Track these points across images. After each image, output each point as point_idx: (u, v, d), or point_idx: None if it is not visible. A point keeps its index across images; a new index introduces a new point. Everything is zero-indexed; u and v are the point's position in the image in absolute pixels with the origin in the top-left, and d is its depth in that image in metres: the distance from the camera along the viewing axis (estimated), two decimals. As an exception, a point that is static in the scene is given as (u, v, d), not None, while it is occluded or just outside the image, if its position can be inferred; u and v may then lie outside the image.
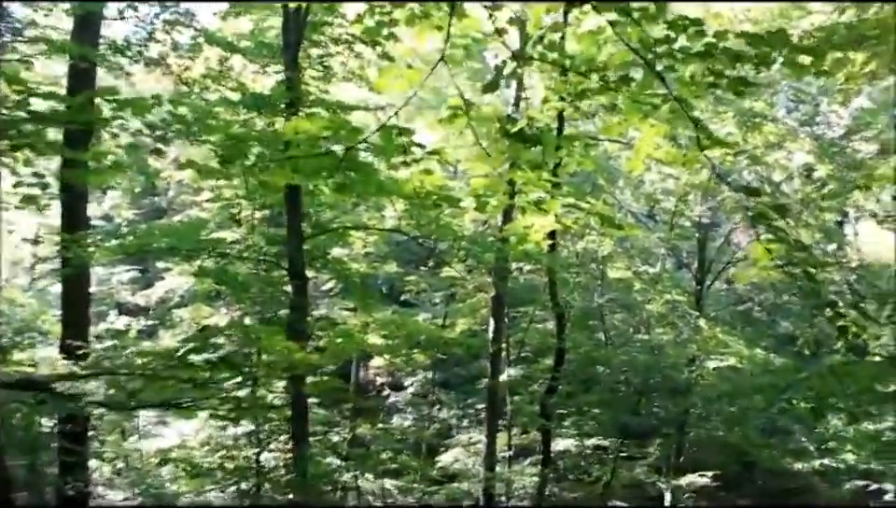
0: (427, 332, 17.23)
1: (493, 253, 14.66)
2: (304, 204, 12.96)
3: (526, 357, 21.68)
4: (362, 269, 19.13)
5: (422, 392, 27.47)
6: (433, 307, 24.06)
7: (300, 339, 12.10)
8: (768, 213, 4.04)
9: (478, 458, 19.26)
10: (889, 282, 15.94)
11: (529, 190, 5.35)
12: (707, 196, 21.48)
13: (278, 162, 4.78)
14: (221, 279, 13.66)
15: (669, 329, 20.51)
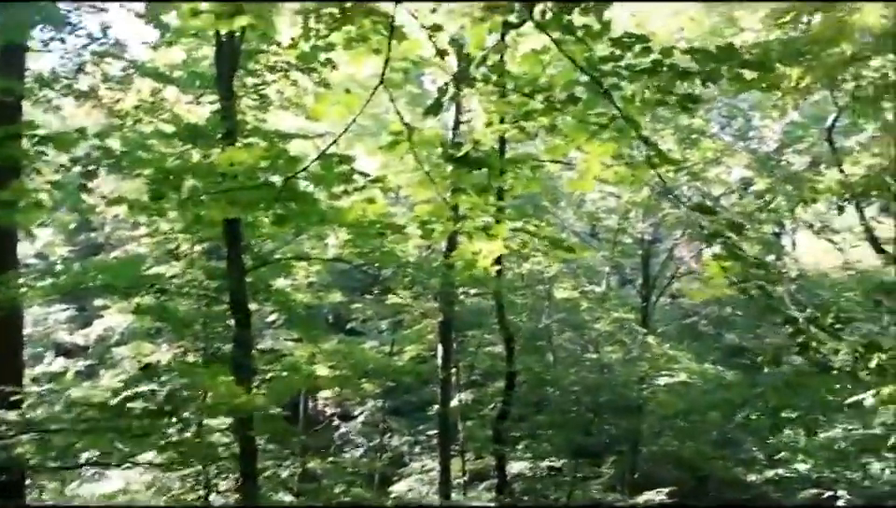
0: (375, 361, 17.00)
1: (438, 278, 14.51)
2: (245, 236, 12.66)
3: (476, 380, 21.52)
4: (306, 299, 18.79)
5: (372, 421, 27.06)
6: (380, 335, 23.77)
7: (244, 374, 11.78)
8: (723, 231, 3.97)
9: (432, 485, 18.99)
10: (830, 291, 16.19)
11: (475, 214, 5.21)
12: (649, 213, 21.67)
13: (213, 196, 4.57)
14: (161, 316, 13.24)
15: (618, 347, 20.56)
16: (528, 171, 4.97)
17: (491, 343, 20.60)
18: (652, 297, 22.17)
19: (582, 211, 23.44)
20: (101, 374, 24.23)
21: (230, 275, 11.86)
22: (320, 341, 15.98)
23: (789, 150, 20.64)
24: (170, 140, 12.38)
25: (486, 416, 19.82)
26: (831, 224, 20.22)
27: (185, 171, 4.68)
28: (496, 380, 20.75)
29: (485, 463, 20.89)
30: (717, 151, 19.02)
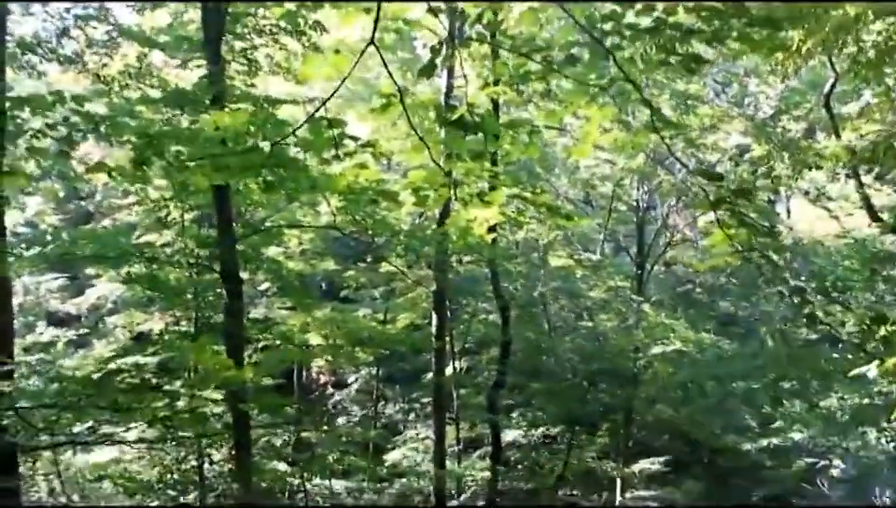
0: (369, 329, 16.87)
1: (432, 246, 14.35)
2: (236, 204, 12.47)
3: (471, 349, 21.46)
4: (299, 267, 18.63)
5: (366, 389, 27.05)
6: (373, 303, 23.64)
7: (235, 344, 11.65)
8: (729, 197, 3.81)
9: (427, 453, 18.97)
10: (825, 260, 16.08)
11: (470, 181, 5.04)
12: (644, 180, 21.50)
13: (198, 162, 4.38)
14: (151, 285, 13.07)
15: (613, 315, 20.49)
16: (525, 136, 4.78)
17: (486, 311, 20.52)
18: (647, 265, 22.06)
19: (577, 178, 23.23)
20: (94, 344, 24.12)
21: (220, 244, 11.67)
22: (313, 309, 15.83)
23: (786, 117, 20.42)
24: (157, 106, 12.13)
25: (481, 384, 19.79)
26: (827, 192, 20.07)
27: (168, 136, 4.50)
28: (490, 348, 20.69)
29: (479, 431, 20.89)
30: (713, 117, 18.79)
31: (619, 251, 27.30)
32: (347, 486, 17.06)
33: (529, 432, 20.74)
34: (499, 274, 16.58)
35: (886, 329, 4.66)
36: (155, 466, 14.66)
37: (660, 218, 23.54)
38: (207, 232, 14.22)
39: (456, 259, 18.65)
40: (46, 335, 24.71)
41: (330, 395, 29.61)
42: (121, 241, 12.79)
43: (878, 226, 14.27)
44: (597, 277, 19.68)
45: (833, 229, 21.65)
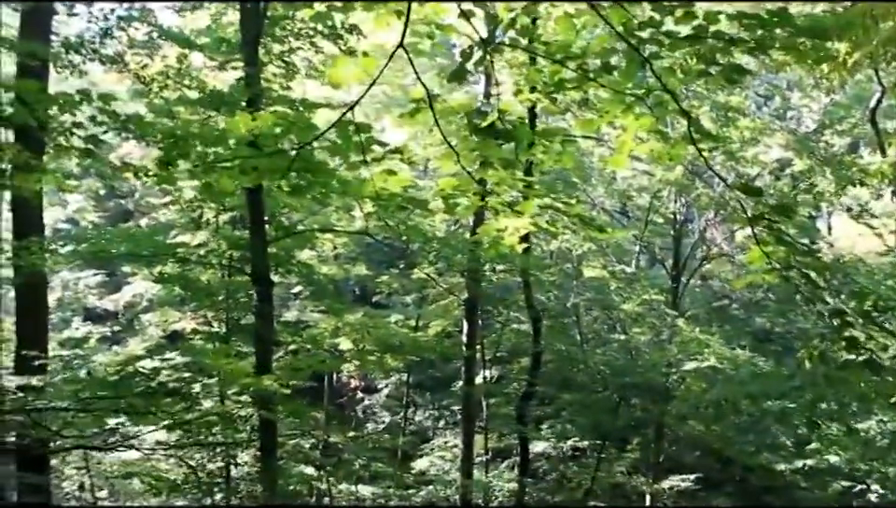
0: (400, 336, 16.80)
1: (465, 254, 14.25)
2: (269, 207, 12.47)
3: (502, 358, 21.31)
4: (331, 271, 18.65)
5: (396, 395, 27.01)
6: (405, 309, 23.59)
7: (265, 346, 11.64)
8: (768, 213, 3.65)
9: (454, 462, 18.86)
10: (867, 278, 15.71)
11: (502, 190, 4.93)
12: (682, 192, 21.21)
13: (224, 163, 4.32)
14: (183, 285, 13.12)
15: (647, 328, 20.20)
16: (559, 145, 4.66)
17: (517, 320, 20.35)
18: (683, 278, 21.74)
19: (613, 189, 22.99)
20: (128, 341, 24.39)
21: (251, 246, 11.68)
22: (344, 314, 15.80)
23: (829, 131, 20.05)
24: (194, 107, 12.18)
25: (511, 394, 19.63)
26: (870, 208, 19.64)
27: (195, 137, 4.46)
28: (521, 358, 20.53)
29: (508, 442, 20.73)
30: (754, 130, 18.46)
31: (654, 264, 26.97)
32: (374, 491, 17.00)
33: (558, 444, 20.53)
34: (532, 283, 16.42)
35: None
36: (182, 466, 14.71)
37: (697, 232, 23.21)
38: (240, 233, 14.26)
39: (489, 267, 18.52)
40: (83, 331, 25.04)
41: (360, 400, 29.61)
42: (156, 240, 12.87)
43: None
44: (631, 290, 19.42)
45: (875, 246, 21.19)
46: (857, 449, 13.28)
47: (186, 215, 15.86)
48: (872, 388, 5.97)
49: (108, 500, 16.04)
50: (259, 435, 12.17)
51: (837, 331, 4.24)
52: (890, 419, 12.46)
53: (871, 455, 13.21)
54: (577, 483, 19.89)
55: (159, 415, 6.17)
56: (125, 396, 5.78)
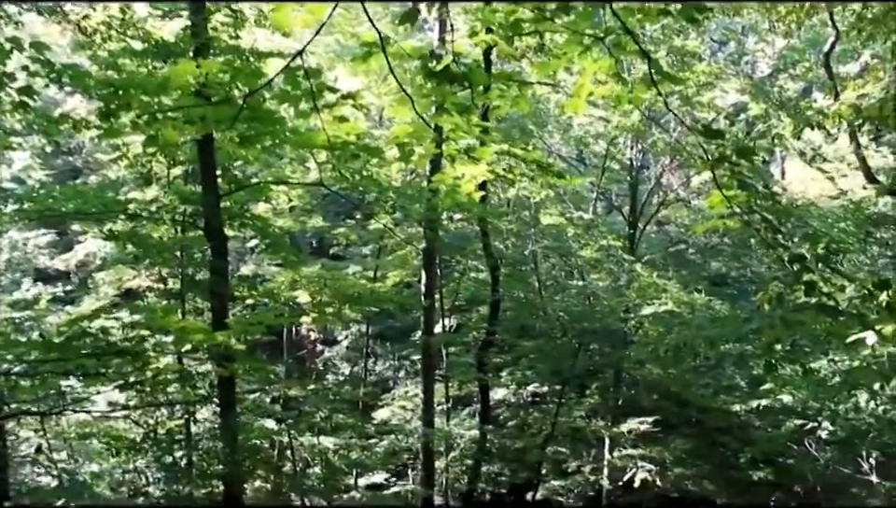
0: (359, 287, 16.69)
1: (422, 204, 14.12)
2: (221, 160, 12.17)
3: (460, 307, 21.35)
4: (287, 224, 18.41)
5: (356, 347, 27.02)
6: (363, 260, 23.48)
7: (221, 302, 11.47)
8: (730, 156, 3.59)
9: (415, 411, 18.94)
10: (820, 223, 15.92)
11: (458, 136, 4.81)
12: (638, 138, 21.24)
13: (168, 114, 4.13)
14: (135, 242, 12.82)
15: (604, 274, 20.34)
16: (515, 89, 4.53)
17: (476, 269, 20.36)
18: (639, 224, 21.88)
19: (570, 136, 22.94)
20: (82, 301, 23.94)
21: (204, 200, 11.42)
22: (301, 267, 15.62)
23: (784, 76, 20.13)
24: (140, 58, 11.78)
25: (470, 342, 19.70)
26: (823, 153, 19.85)
27: (135, 86, 4.25)
28: (480, 307, 20.58)
29: (468, 390, 20.87)
30: (710, 75, 18.46)
31: (611, 211, 27.12)
32: (336, 442, 16.98)
33: (518, 391, 20.72)
34: (490, 232, 16.37)
35: (888, 295, 4.49)
36: (142, 425, 14.56)
37: (653, 178, 23.32)
38: (192, 188, 13.95)
39: (447, 216, 18.43)
40: (34, 292, 24.52)
41: (320, 352, 29.59)
42: (105, 197, 12.50)
43: (875, 188, 14.09)
44: (589, 236, 19.49)
45: (826, 190, 21.49)
46: (809, 388, 13.57)
47: (135, 170, 15.48)
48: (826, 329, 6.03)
49: (67, 462, 15.79)
50: (217, 392, 12.07)
51: (797, 276, 4.23)
52: (841, 359, 12.74)
53: (823, 394, 13.51)
54: (537, 428, 20.12)
55: (110, 375, 6.02)
56: (73, 358, 5.61)
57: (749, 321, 6.26)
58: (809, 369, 7.54)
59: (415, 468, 19.80)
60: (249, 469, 14.06)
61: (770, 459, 17.63)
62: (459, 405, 20.80)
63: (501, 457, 20.10)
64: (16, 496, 12.63)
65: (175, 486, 12.64)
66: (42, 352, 5.64)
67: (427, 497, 16.17)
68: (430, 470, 16.55)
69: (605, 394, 20.24)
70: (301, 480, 14.73)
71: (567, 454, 21.41)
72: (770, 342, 6.11)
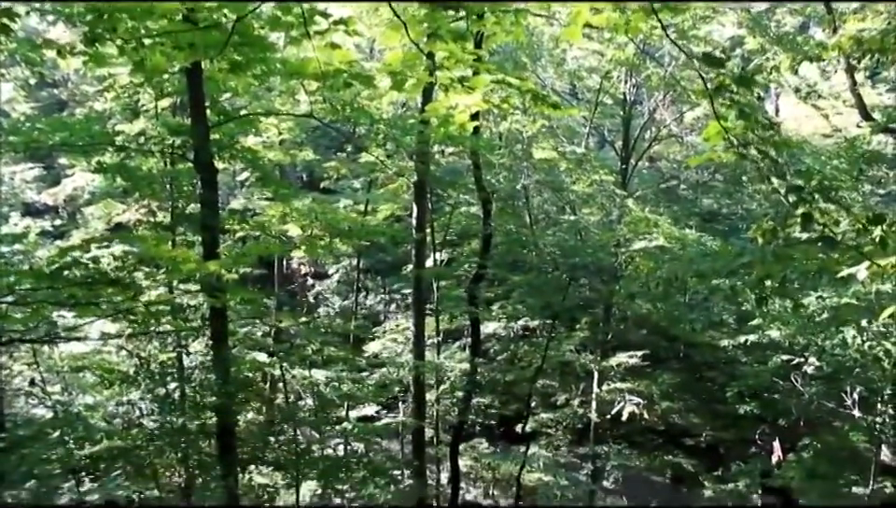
0: (349, 221, 16.60)
1: (413, 136, 13.97)
2: (211, 91, 11.96)
3: (452, 241, 21.36)
4: (278, 157, 18.23)
5: (347, 280, 27.13)
6: (354, 194, 23.39)
7: (212, 235, 11.38)
8: (729, 85, 3.52)
9: (406, 344, 19.07)
10: (813, 160, 15.87)
11: (451, 65, 4.70)
12: (632, 72, 21.02)
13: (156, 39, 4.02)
14: (124, 175, 12.66)
15: (596, 209, 20.32)
16: (511, 16, 4.43)
17: (467, 203, 20.31)
18: (632, 160, 21.79)
19: (563, 70, 22.68)
20: (72, 235, 23.83)
21: (193, 132, 11.24)
22: (292, 200, 15.51)
23: (781, 10, 19.81)
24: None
25: (461, 276, 19.75)
26: (818, 90, 19.68)
27: (121, 10, 4.12)
28: (471, 241, 20.59)
29: (459, 323, 21.02)
30: (707, 8, 18.16)
31: (603, 146, 27.01)
32: (327, 375, 17.10)
33: (509, 325, 20.89)
34: (482, 165, 16.24)
35: (882, 229, 4.47)
36: (133, 357, 14.61)
37: (646, 113, 23.15)
38: (181, 120, 13.74)
39: (438, 150, 18.29)
40: (20, 226, 24.38)
41: (311, 286, 29.70)
42: (92, 129, 12.30)
43: (869, 125, 13.99)
44: (581, 171, 19.39)
45: (820, 128, 21.39)
46: (798, 324, 13.70)
47: (122, 102, 15.23)
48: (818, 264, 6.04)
49: (60, 395, 15.87)
50: (209, 324, 12.08)
51: (794, 206, 4.21)
52: (830, 296, 12.84)
53: (810, 330, 13.64)
54: (527, 362, 20.34)
55: (101, 305, 5.98)
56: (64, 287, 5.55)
57: (741, 255, 6.26)
58: (799, 303, 7.57)
59: (406, 400, 20.03)
60: (242, 401, 14.17)
61: (756, 394, 17.92)
62: (450, 339, 20.98)
63: (491, 389, 20.38)
64: (11, 427, 12.72)
65: (168, 417, 12.73)
66: (33, 282, 5.59)
67: (418, 428, 16.37)
68: (421, 402, 16.72)
69: (594, 329, 20.42)
70: (293, 412, 14.83)
71: (556, 387, 21.74)
72: (762, 276, 6.10)
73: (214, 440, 12.68)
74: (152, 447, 12.58)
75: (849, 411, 15.61)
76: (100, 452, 12.44)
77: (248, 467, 13.90)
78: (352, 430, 15.29)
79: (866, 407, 15.24)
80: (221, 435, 12.05)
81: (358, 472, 14.81)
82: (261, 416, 15.81)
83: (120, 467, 12.70)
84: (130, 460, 12.55)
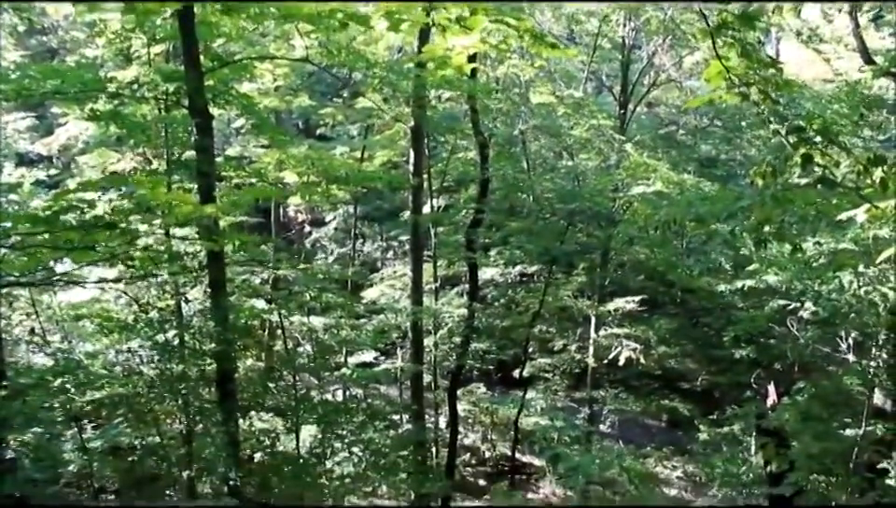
0: (346, 167, 16.52)
1: (410, 81, 13.82)
2: (204, 35, 11.77)
3: (449, 187, 21.30)
4: (273, 103, 18.07)
5: (344, 228, 27.13)
6: (350, 141, 23.24)
7: (208, 182, 11.31)
8: (732, 23, 3.45)
9: (404, 291, 19.13)
10: (813, 105, 15.72)
11: (448, 5, 4.62)
12: (631, 16, 20.75)
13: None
14: (116, 122, 12.52)
15: (594, 154, 20.22)
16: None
17: (464, 148, 20.19)
18: (630, 105, 21.60)
19: (561, 13, 22.37)
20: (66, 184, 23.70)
21: (187, 78, 11.09)
22: (288, 146, 15.40)
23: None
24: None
25: (459, 222, 19.72)
26: (820, 33, 19.43)
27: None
28: (469, 186, 20.53)
29: (457, 269, 21.07)
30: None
31: (601, 91, 26.75)
32: (325, 322, 17.16)
33: (506, 270, 20.94)
34: (479, 110, 16.09)
35: (882, 170, 4.44)
36: (132, 305, 14.63)
37: (645, 58, 22.89)
38: (174, 66, 13.55)
39: (435, 95, 18.12)
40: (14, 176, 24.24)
41: (308, 234, 29.72)
42: (84, 76, 12.12)
43: (871, 69, 13.84)
44: (579, 116, 19.24)
45: (822, 73, 21.17)
46: (794, 269, 13.72)
47: (114, 49, 14.99)
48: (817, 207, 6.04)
49: (60, 343, 15.94)
50: (207, 270, 12.07)
51: (794, 148, 4.17)
52: (828, 241, 12.83)
53: (807, 275, 13.66)
54: (525, 307, 20.43)
55: (98, 249, 5.94)
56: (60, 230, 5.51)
57: (740, 199, 6.23)
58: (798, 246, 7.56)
59: (404, 346, 20.16)
60: (241, 348, 14.23)
61: (752, 339, 18.03)
62: (448, 285, 21.03)
63: (489, 335, 20.50)
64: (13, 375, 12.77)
65: (167, 364, 12.79)
66: (28, 225, 5.54)
67: (417, 373, 16.50)
68: (419, 347, 16.83)
69: (592, 274, 20.47)
70: (292, 358, 14.90)
71: (553, 332, 21.88)
72: (760, 221, 6.08)
73: (214, 387, 12.78)
74: (153, 394, 12.67)
75: (844, 355, 15.72)
76: (101, 399, 12.54)
77: (248, 413, 14.03)
78: (351, 376, 15.40)
79: (861, 352, 15.33)
80: (221, 382, 12.13)
81: (358, 417, 14.97)
82: (260, 363, 15.89)
83: (122, 414, 12.81)
84: (131, 408, 12.65)
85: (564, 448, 17.04)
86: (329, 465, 14.22)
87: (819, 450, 13.74)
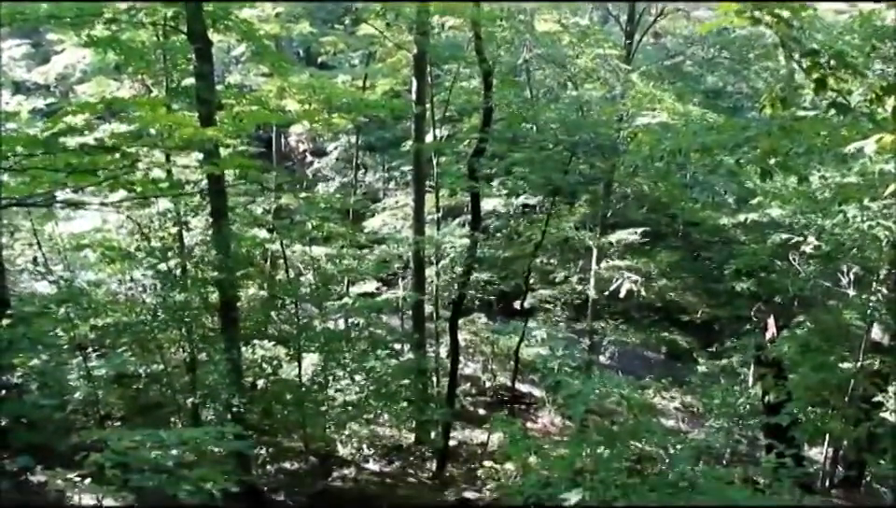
0: (348, 95, 16.31)
1: (413, 7, 13.55)
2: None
3: (452, 116, 21.07)
4: (274, 30, 17.76)
5: (346, 157, 26.97)
6: (352, 69, 22.92)
7: (208, 109, 11.18)
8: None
9: (406, 220, 19.10)
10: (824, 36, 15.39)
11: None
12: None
13: None
14: (114, 48, 12.31)
15: (599, 85, 19.93)
16: None
17: (468, 77, 19.90)
18: (636, 35, 21.21)
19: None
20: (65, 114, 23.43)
21: (186, 2, 10.89)
22: (289, 74, 15.18)
23: None
24: None
25: (461, 152, 19.57)
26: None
27: None
28: (472, 116, 20.31)
29: (459, 199, 21.01)
30: None
31: (607, 20, 26.26)
32: (327, 252, 17.18)
33: (509, 201, 20.87)
34: (483, 38, 15.80)
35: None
36: (134, 233, 14.62)
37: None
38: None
39: (439, 22, 17.79)
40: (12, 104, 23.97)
41: (310, 163, 29.56)
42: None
43: (887, 1, 13.47)
44: (585, 45, 18.89)
45: (833, 5, 20.70)
46: (798, 202, 13.64)
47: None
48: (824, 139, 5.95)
49: (64, 271, 15.95)
50: (209, 199, 12.02)
51: (807, 73, 4.08)
52: (833, 176, 12.73)
53: (811, 208, 13.60)
54: (527, 238, 20.41)
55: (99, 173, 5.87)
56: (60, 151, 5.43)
57: (747, 129, 6.13)
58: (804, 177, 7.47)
59: (406, 276, 20.22)
60: (243, 277, 14.27)
61: (753, 272, 18.04)
62: (450, 216, 20.97)
63: (491, 265, 20.54)
64: (17, 303, 12.82)
65: (170, 293, 12.84)
66: (28, 148, 5.47)
67: (418, 303, 16.57)
68: (421, 277, 16.87)
69: (594, 205, 20.41)
70: (294, 287, 14.95)
71: (555, 264, 21.93)
72: (767, 151, 6.01)
73: (217, 315, 12.85)
74: (156, 323, 12.75)
75: (844, 290, 15.75)
76: (105, 327, 12.63)
77: (251, 341, 14.14)
78: (352, 306, 15.47)
79: (861, 286, 15.35)
80: (224, 310, 12.21)
81: (359, 346, 15.09)
82: (262, 292, 15.95)
83: (126, 342, 12.92)
84: (135, 336, 12.75)
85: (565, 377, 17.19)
86: (330, 392, 14.39)
87: (817, 382, 13.88)
